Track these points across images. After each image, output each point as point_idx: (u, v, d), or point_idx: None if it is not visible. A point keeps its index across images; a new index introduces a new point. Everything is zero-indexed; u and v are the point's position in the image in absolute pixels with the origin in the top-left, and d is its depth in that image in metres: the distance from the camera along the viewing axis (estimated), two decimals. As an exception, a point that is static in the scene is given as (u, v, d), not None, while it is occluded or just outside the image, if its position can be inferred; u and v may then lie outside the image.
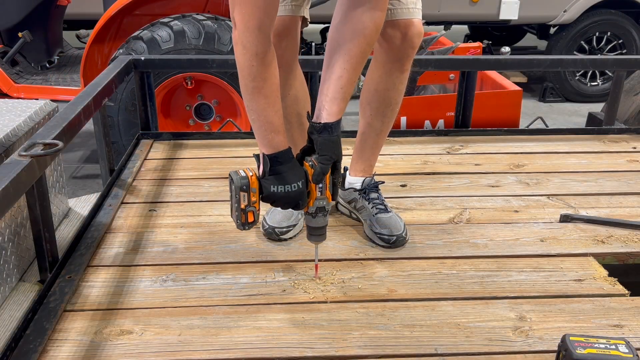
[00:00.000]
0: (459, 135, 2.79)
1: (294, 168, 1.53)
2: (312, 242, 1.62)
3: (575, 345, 1.24)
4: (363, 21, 1.48)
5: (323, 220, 1.58)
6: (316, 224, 1.58)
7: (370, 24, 1.48)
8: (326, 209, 1.57)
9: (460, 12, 5.57)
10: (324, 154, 1.51)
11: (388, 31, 1.71)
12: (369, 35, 1.50)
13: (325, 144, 1.51)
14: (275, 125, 1.51)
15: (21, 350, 1.36)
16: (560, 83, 5.85)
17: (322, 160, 1.50)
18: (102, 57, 3.88)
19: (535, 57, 2.95)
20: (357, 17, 1.48)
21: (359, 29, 1.48)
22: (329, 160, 1.51)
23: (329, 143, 1.51)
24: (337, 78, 1.52)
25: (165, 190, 2.23)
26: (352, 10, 1.48)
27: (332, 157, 1.52)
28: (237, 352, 1.39)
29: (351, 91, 1.55)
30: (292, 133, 1.92)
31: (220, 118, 3.57)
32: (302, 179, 1.51)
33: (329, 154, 1.51)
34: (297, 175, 1.51)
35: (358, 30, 1.48)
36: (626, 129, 2.91)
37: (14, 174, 1.36)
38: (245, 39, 1.42)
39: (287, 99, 1.83)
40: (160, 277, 1.67)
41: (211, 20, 3.38)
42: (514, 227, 1.95)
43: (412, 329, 1.46)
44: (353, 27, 1.49)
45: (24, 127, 1.96)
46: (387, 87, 1.79)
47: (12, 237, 1.79)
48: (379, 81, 1.80)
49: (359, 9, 1.47)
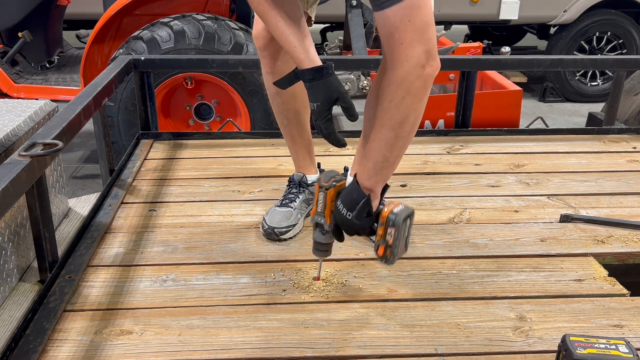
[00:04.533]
0: (459, 135, 2.79)
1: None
2: (315, 256, 1.58)
3: (575, 345, 1.24)
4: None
5: (321, 237, 1.52)
6: (315, 238, 1.54)
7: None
8: (325, 228, 1.50)
9: (460, 12, 5.57)
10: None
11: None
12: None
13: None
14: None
15: (21, 350, 1.36)
16: (560, 83, 5.85)
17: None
18: (102, 57, 3.88)
19: (535, 57, 2.94)
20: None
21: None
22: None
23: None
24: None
25: (165, 190, 2.23)
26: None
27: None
28: (237, 352, 1.39)
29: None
30: (290, 130, 1.92)
31: (220, 118, 3.57)
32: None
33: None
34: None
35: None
36: (626, 129, 2.91)
37: (14, 174, 1.36)
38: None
39: (284, 95, 1.83)
40: (160, 277, 1.67)
41: (211, 20, 3.38)
42: (514, 227, 1.95)
43: (412, 329, 1.46)
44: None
45: (24, 127, 1.96)
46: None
47: (12, 237, 1.79)
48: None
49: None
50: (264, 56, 1.78)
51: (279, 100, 1.85)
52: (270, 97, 1.88)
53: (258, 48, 1.78)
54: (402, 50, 1.26)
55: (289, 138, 1.95)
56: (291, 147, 1.97)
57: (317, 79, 1.44)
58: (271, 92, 1.86)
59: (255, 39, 1.77)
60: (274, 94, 1.85)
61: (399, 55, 1.27)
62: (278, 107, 1.88)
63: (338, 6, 3.96)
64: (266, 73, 1.83)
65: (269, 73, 1.81)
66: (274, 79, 1.78)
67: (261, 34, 1.74)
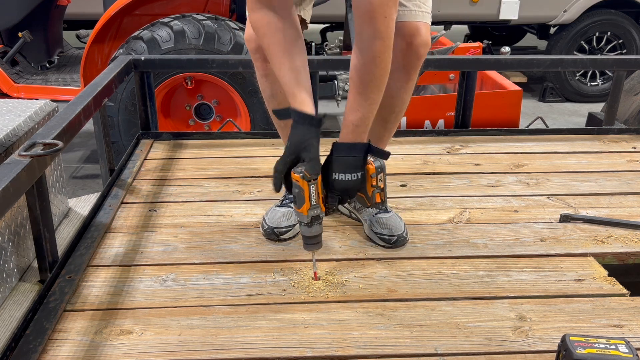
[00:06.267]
0: (459, 135, 2.79)
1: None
2: (309, 251, 1.63)
3: (575, 345, 1.24)
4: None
5: (319, 229, 1.59)
6: (311, 233, 1.59)
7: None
8: (320, 216, 1.58)
9: (460, 12, 5.57)
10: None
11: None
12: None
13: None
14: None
15: (21, 350, 1.36)
16: (560, 83, 5.85)
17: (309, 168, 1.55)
18: (102, 57, 3.88)
19: (535, 57, 2.95)
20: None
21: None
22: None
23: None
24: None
25: (165, 190, 2.23)
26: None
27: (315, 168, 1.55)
28: (237, 352, 1.39)
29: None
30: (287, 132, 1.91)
31: (220, 118, 3.58)
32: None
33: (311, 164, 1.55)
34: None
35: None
36: (626, 129, 2.91)
37: (14, 174, 1.36)
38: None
39: (279, 97, 1.83)
40: (160, 277, 1.67)
41: (211, 20, 3.38)
42: (514, 227, 1.95)
43: (412, 329, 1.46)
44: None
45: (24, 127, 1.96)
46: (391, 94, 1.77)
47: (12, 237, 1.80)
48: None
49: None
50: (257, 59, 1.79)
51: (275, 102, 1.85)
52: (266, 99, 1.89)
53: (250, 50, 1.78)
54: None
55: (286, 139, 1.95)
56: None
57: (298, 122, 1.55)
58: (266, 94, 1.87)
59: (247, 42, 1.78)
60: (269, 96, 1.86)
61: None
62: (274, 108, 1.88)
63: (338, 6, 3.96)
64: (260, 76, 1.83)
65: (263, 75, 1.82)
66: (269, 80, 1.80)
67: (253, 37, 1.74)
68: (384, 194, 1.69)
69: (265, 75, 1.81)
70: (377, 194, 1.67)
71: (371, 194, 1.67)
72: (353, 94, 1.58)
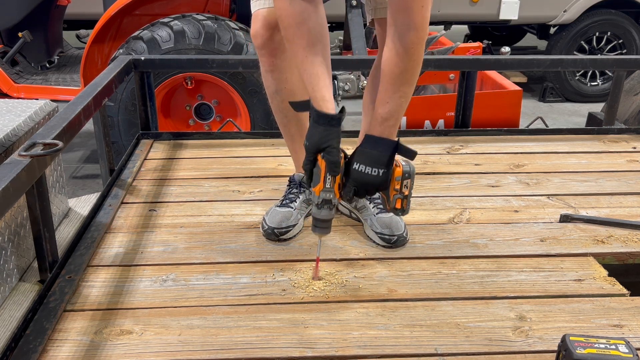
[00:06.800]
0: (459, 135, 2.79)
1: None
2: (316, 234, 1.62)
3: (575, 345, 1.24)
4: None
5: (328, 213, 1.58)
6: (321, 216, 1.58)
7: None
8: (332, 202, 1.57)
9: (460, 12, 5.57)
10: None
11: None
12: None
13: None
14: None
15: (21, 350, 1.36)
16: (560, 83, 5.85)
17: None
18: (102, 57, 3.88)
19: (535, 57, 2.95)
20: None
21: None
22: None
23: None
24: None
25: (165, 190, 2.23)
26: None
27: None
28: (237, 352, 1.39)
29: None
30: (289, 129, 1.92)
31: (220, 118, 3.58)
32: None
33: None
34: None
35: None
36: (626, 129, 2.91)
37: (14, 174, 1.36)
38: None
39: (283, 93, 1.83)
40: (160, 277, 1.67)
41: (211, 20, 3.38)
42: (514, 227, 1.95)
43: (412, 329, 1.46)
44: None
45: (24, 127, 1.96)
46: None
47: (12, 237, 1.80)
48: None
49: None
50: (263, 54, 1.78)
51: (279, 98, 1.85)
52: (269, 95, 1.88)
53: (257, 47, 1.78)
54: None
55: (288, 137, 1.95)
56: (291, 146, 1.97)
57: (318, 123, 1.52)
58: (270, 90, 1.86)
59: (253, 38, 1.77)
60: (273, 92, 1.85)
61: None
62: (277, 105, 1.87)
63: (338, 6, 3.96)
64: (265, 72, 1.83)
65: (268, 71, 1.81)
66: (274, 77, 1.79)
67: (259, 33, 1.73)
68: (406, 202, 1.59)
69: (270, 71, 1.81)
70: (398, 199, 1.58)
71: (392, 198, 1.59)
72: (383, 86, 1.56)
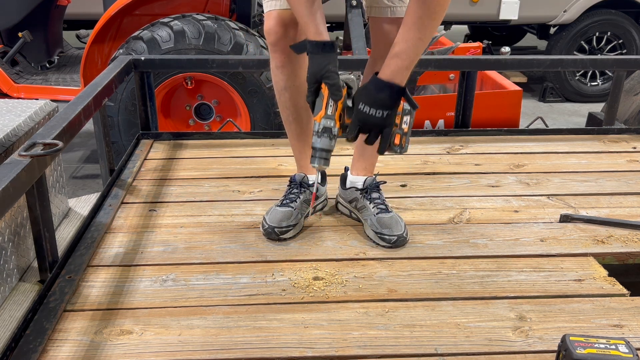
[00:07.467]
0: (459, 135, 2.79)
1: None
2: (314, 166, 1.61)
3: (575, 345, 1.24)
4: None
5: (329, 142, 1.57)
6: (318, 144, 1.57)
7: None
8: (333, 131, 1.56)
9: (460, 12, 5.57)
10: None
11: (386, 27, 1.71)
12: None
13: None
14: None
15: (21, 350, 1.36)
16: (560, 83, 5.85)
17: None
18: (102, 57, 3.88)
19: (535, 57, 2.95)
20: None
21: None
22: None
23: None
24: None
25: (165, 190, 2.23)
26: None
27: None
28: (237, 352, 1.39)
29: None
30: (295, 127, 1.92)
31: (220, 118, 3.57)
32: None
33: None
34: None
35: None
36: (626, 129, 2.91)
37: (14, 174, 1.36)
38: None
39: (291, 90, 1.83)
40: (160, 277, 1.67)
41: (211, 20, 3.38)
42: (514, 227, 1.95)
43: (412, 329, 1.46)
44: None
45: (24, 127, 1.96)
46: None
47: (12, 237, 1.80)
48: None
49: None
50: (275, 50, 1.79)
51: (287, 95, 1.85)
52: (278, 92, 1.87)
53: (270, 43, 1.78)
54: None
55: (293, 135, 1.95)
56: (295, 145, 1.97)
57: (313, 52, 1.57)
58: (279, 86, 1.86)
59: (267, 34, 1.77)
60: (282, 88, 1.85)
61: None
62: (285, 102, 1.87)
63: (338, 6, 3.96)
64: (275, 67, 1.82)
65: (278, 67, 1.81)
66: (284, 72, 1.80)
67: (273, 29, 1.74)
68: (405, 139, 1.60)
69: (281, 67, 1.81)
70: (397, 134, 1.58)
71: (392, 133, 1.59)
72: (402, 28, 1.55)
